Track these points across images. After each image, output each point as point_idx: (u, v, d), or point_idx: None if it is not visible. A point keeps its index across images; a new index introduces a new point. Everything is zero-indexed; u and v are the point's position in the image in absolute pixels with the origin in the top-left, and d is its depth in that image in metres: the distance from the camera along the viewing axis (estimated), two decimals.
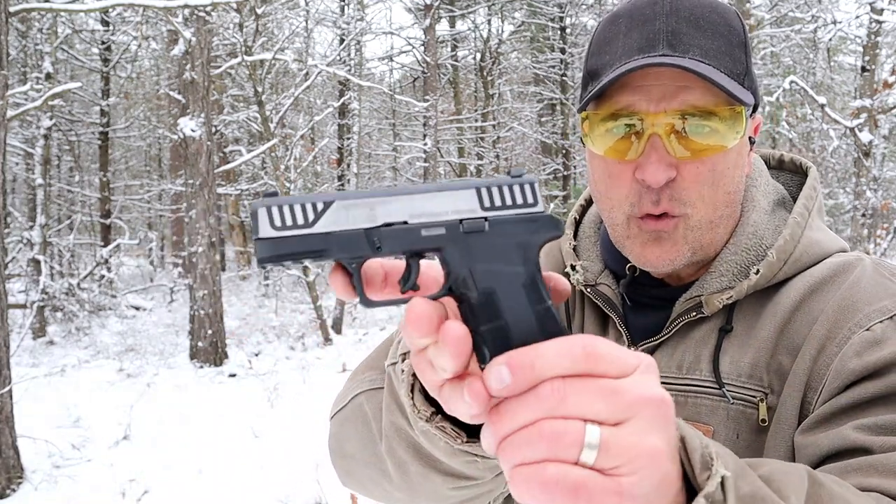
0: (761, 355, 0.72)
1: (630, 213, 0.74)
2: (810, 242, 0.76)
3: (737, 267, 0.76)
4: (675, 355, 0.76)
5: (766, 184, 0.83)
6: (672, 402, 0.45)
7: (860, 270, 0.74)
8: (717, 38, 0.71)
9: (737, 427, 0.72)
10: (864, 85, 8.99)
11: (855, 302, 0.71)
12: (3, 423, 4.54)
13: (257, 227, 0.45)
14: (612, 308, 0.81)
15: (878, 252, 9.15)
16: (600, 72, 0.73)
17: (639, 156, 0.71)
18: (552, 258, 0.91)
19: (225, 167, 10.52)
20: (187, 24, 8.17)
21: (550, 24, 18.16)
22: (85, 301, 11.02)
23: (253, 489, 4.55)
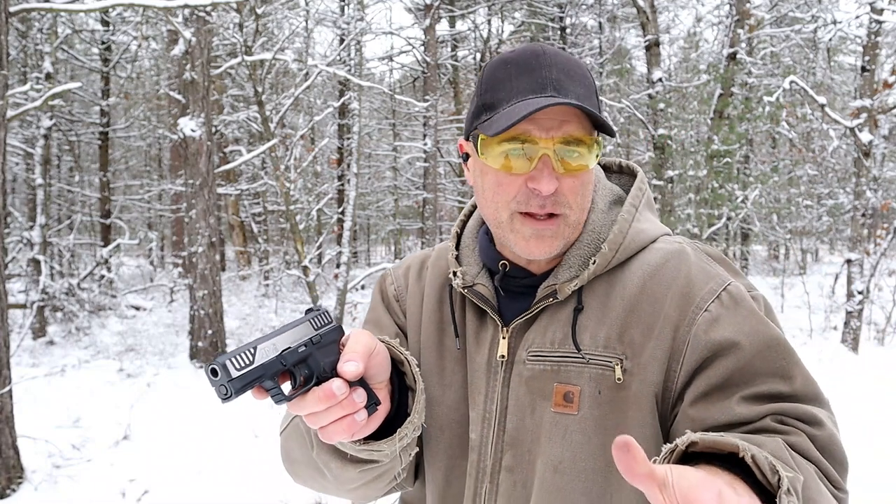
0: (613, 331, 0.93)
1: (514, 210, 0.92)
2: (637, 232, 0.97)
3: (581, 259, 0.96)
4: (547, 334, 0.95)
5: (603, 188, 1.04)
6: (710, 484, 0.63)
7: (685, 257, 0.95)
8: (582, 86, 0.92)
9: (598, 385, 0.92)
10: (864, 85, 8.99)
11: (691, 287, 0.92)
12: (3, 423, 4.54)
13: (228, 373, 0.69)
14: (486, 303, 1.00)
15: (878, 252, 9.16)
16: (496, 105, 0.92)
17: (531, 170, 0.90)
18: (441, 266, 1.10)
19: (225, 167, 10.52)
20: (187, 24, 8.17)
21: (550, 24, 18.16)
22: (85, 301, 11.02)
23: (253, 489, 4.55)
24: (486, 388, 0.98)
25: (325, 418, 0.78)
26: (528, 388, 0.95)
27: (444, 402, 1.03)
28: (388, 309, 1.14)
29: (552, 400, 0.94)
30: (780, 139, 15.19)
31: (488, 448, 0.97)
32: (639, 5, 10.49)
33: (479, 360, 1.00)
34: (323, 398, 0.76)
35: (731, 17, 10.76)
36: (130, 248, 17.69)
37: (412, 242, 24.81)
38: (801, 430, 0.84)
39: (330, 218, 15.81)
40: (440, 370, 1.04)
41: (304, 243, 10.45)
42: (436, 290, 1.09)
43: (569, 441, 0.92)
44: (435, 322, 1.07)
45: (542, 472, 0.93)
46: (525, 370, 0.96)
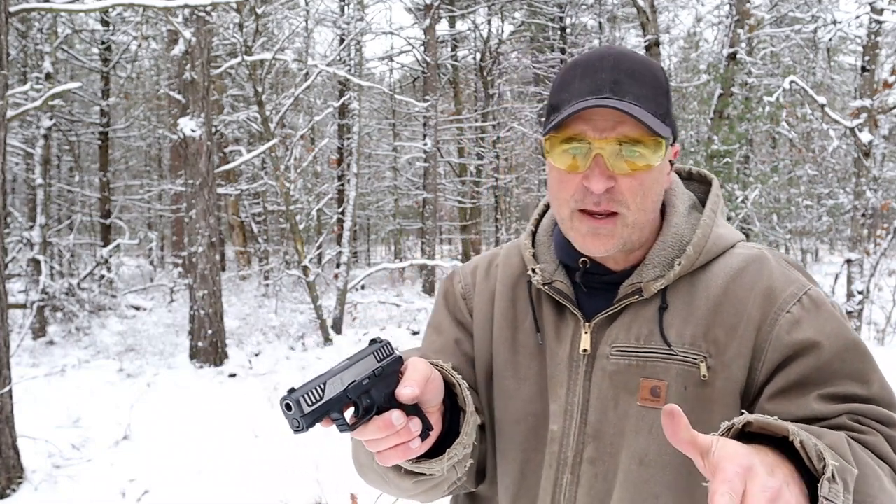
0: (699, 329, 0.96)
1: (573, 208, 0.96)
2: (717, 237, 1.02)
3: (665, 260, 1.00)
4: (632, 330, 0.99)
5: (682, 193, 1.08)
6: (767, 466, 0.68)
7: (766, 262, 1.00)
8: (646, 87, 0.94)
9: (684, 381, 0.95)
10: (864, 85, 8.99)
11: (773, 290, 0.96)
12: (3, 423, 4.54)
13: (301, 409, 0.75)
14: (566, 298, 1.03)
15: (878, 252, 9.15)
16: (560, 105, 0.96)
17: (586, 169, 0.93)
18: (512, 264, 1.14)
19: (225, 167, 10.52)
20: (187, 24, 8.17)
21: (550, 24, 18.16)
22: (85, 301, 11.01)
23: (253, 489, 4.55)
24: (568, 382, 1.01)
25: (382, 444, 0.84)
26: (611, 381, 0.98)
27: (519, 395, 1.06)
28: (452, 309, 1.17)
29: (638, 394, 0.97)
30: (780, 139, 15.18)
31: (570, 440, 1.00)
32: (639, 5, 10.49)
33: (561, 354, 1.03)
34: (383, 427, 0.82)
35: (731, 17, 10.76)
36: (130, 248, 17.69)
37: (412, 242, 24.81)
38: (879, 430, 0.87)
39: (330, 218, 15.81)
40: (515, 365, 1.07)
41: (304, 243, 10.45)
42: (508, 287, 1.12)
43: (655, 435, 0.94)
44: (508, 319, 1.10)
45: (626, 465, 0.96)
46: (609, 364, 0.99)
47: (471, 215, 19.50)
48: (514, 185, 20.31)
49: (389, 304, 13.66)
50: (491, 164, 19.05)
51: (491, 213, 22.45)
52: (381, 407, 0.84)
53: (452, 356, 1.12)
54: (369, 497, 3.88)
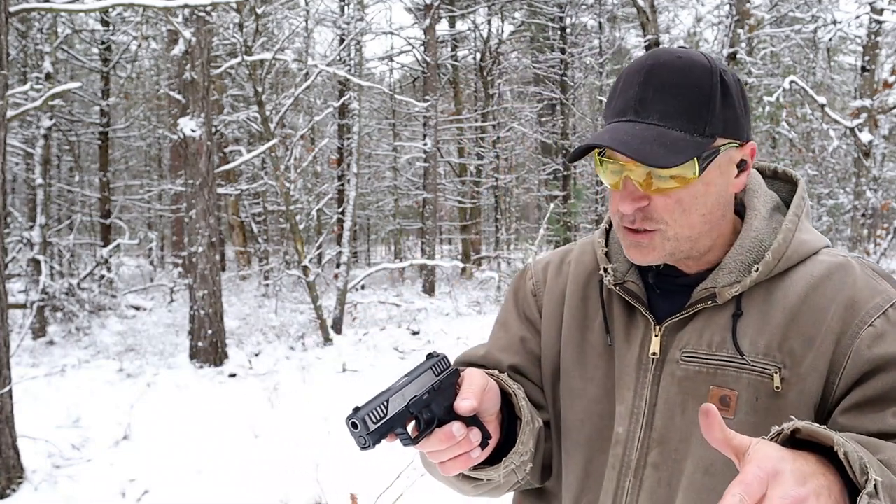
0: (774, 339, 0.92)
1: (619, 223, 0.96)
2: (800, 242, 0.97)
3: (742, 265, 0.96)
4: (704, 336, 0.96)
5: (763, 194, 1.03)
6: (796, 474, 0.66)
7: (851, 271, 0.95)
8: (676, 101, 0.90)
9: (756, 392, 0.92)
10: (864, 85, 8.99)
11: (856, 301, 0.91)
12: (3, 423, 4.54)
13: (367, 427, 0.78)
14: (637, 300, 1.01)
15: (878, 252, 9.15)
16: (606, 119, 0.95)
17: (620, 188, 0.93)
18: (585, 262, 1.12)
19: (225, 167, 10.52)
20: (187, 24, 8.17)
21: (550, 24, 18.16)
22: (85, 301, 11.02)
23: (253, 489, 4.55)
24: (636, 385, 1.00)
25: (445, 455, 0.86)
26: (679, 387, 0.96)
27: (585, 395, 1.05)
28: (521, 306, 1.16)
29: (707, 402, 0.93)
30: (780, 139, 15.18)
31: (634, 443, 0.99)
32: (639, 5, 10.49)
33: (630, 356, 1.01)
34: (444, 439, 0.85)
35: (731, 17, 10.76)
36: (130, 248, 17.69)
37: (412, 242, 24.82)
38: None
39: (330, 218, 15.81)
40: (582, 364, 1.06)
41: (304, 243, 10.45)
42: (579, 286, 1.11)
43: None
44: (578, 318, 1.09)
45: (690, 473, 0.94)
46: (678, 370, 0.96)
47: (471, 215, 19.50)
48: (514, 185, 20.32)
49: (389, 304, 13.66)
50: (491, 164, 19.05)
51: (491, 213, 22.45)
52: (441, 419, 0.86)
53: (517, 354, 1.12)
54: (369, 497, 3.88)
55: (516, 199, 21.62)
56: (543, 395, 1.11)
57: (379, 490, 3.98)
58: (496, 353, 1.12)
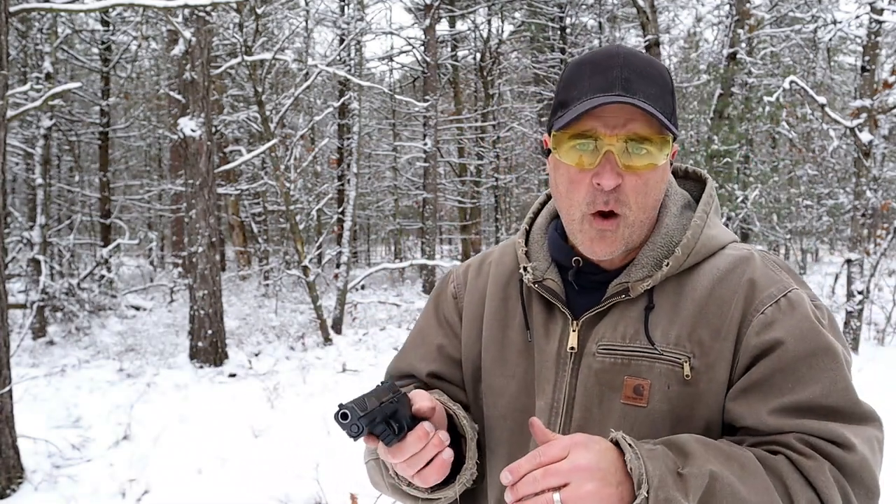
0: (683, 330, 0.97)
1: (585, 212, 0.97)
2: (708, 238, 1.02)
3: (653, 260, 1.00)
4: (618, 329, 0.99)
5: (675, 192, 1.08)
6: (588, 463, 0.80)
7: (752, 263, 1.00)
8: (655, 87, 0.95)
9: (667, 380, 0.96)
10: (864, 85, 8.98)
11: (753, 291, 0.96)
12: (3, 423, 4.54)
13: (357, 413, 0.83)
14: (555, 297, 1.04)
15: (877, 252, 9.15)
16: (569, 102, 0.96)
17: (596, 166, 0.94)
18: (505, 262, 1.15)
19: (225, 167, 10.51)
20: (187, 24, 8.17)
21: (550, 24, 18.15)
22: (85, 301, 11.01)
23: (253, 489, 4.55)
24: (555, 379, 1.02)
25: (420, 460, 0.91)
26: (597, 379, 0.99)
27: (506, 392, 1.07)
28: (441, 310, 1.20)
29: (622, 392, 0.98)
30: (780, 139, 15.18)
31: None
32: (639, 5, 10.49)
33: (549, 351, 1.04)
34: (421, 436, 0.90)
35: (731, 17, 10.76)
36: (130, 248, 17.69)
37: (412, 242, 24.81)
38: (828, 453, 0.87)
39: (330, 218, 15.81)
40: (503, 362, 1.09)
41: (304, 243, 10.45)
42: (500, 286, 1.14)
43: (637, 432, 0.95)
44: (499, 317, 1.11)
45: None
46: (595, 362, 1.00)
47: (471, 215, 19.50)
48: (514, 185, 20.31)
49: (389, 304, 13.66)
50: (491, 164, 19.04)
51: (491, 213, 22.44)
52: (409, 427, 0.91)
53: (434, 361, 1.16)
54: (369, 497, 3.88)
55: (516, 199, 21.61)
56: (466, 396, 1.15)
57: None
58: (415, 363, 1.17)
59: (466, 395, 1.14)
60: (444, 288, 1.22)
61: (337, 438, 5.54)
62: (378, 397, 0.88)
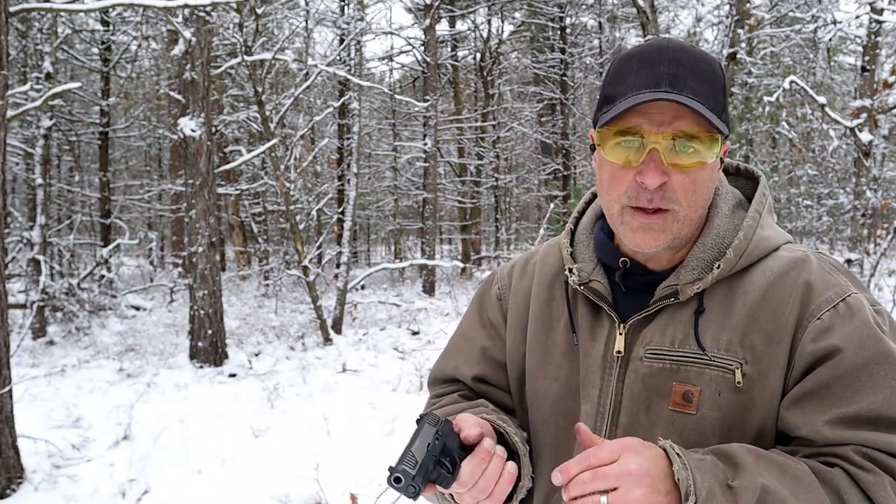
0: (735, 335, 0.93)
1: (625, 204, 0.94)
2: (761, 239, 0.98)
3: (704, 262, 0.97)
4: (667, 333, 0.96)
5: (726, 191, 1.04)
6: (639, 468, 0.79)
7: (808, 266, 0.96)
8: (704, 83, 0.92)
9: (718, 387, 0.93)
10: (864, 85, 8.99)
11: (810, 294, 0.93)
12: (3, 423, 4.54)
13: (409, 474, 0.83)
14: (602, 299, 1.02)
15: (877, 252, 9.15)
16: (615, 98, 0.93)
17: (640, 164, 0.91)
18: (550, 263, 1.13)
19: (225, 167, 10.51)
20: (187, 24, 8.17)
21: (550, 24, 18.15)
22: (85, 301, 11.01)
23: (253, 489, 4.55)
24: (601, 383, 1.00)
25: (490, 480, 0.89)
26: (644, 384, 0.97)
27: (550, 395, 1.06)
28: (485, 312, 1.18)
29: (670, 398, 0.95)
30: (780, 139, 15.17)
31: None
32: (639, 5, 10.49)
33: (595, 354, 1.01)
34: (484, 456, 0.89)
35: (731, 17, 10.76)
36: (130, 248, 17.69)
37: (412, 242, 24.80)
38: (889, 467, 0.83)
39: (330, 218, 15.81)
40: (547, 365, 1.07)
41: (304, 243, 10.45)
42: (544, 287, 1.11)
43: (685, 440, 0.92)
44: (543, 319, 1.09)
45: None
46: (642, 367, 0.97)
47: (471, 215, 19.50)
48: (514, 185, 20.31)
49: (389, 304, 13.66)
50: (491, 164, 19.04)
51: (491, 213, 22.44)
52: (460, 457, 0.90)
53: (478, 364, 1.14)
54: (369, 497, 3.88)
55: (516, 199, 21.62)
56: (511, 399, 1.13)
57: (379, 490, 3.98)
58: (460, 367, 1.16)
59: (512, 399, 1.12)
60: (487, 289, 1.20)
61: (337, 438, 5.55)
62: (424, 441, 0.86)
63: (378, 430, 5.65)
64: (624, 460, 0.79)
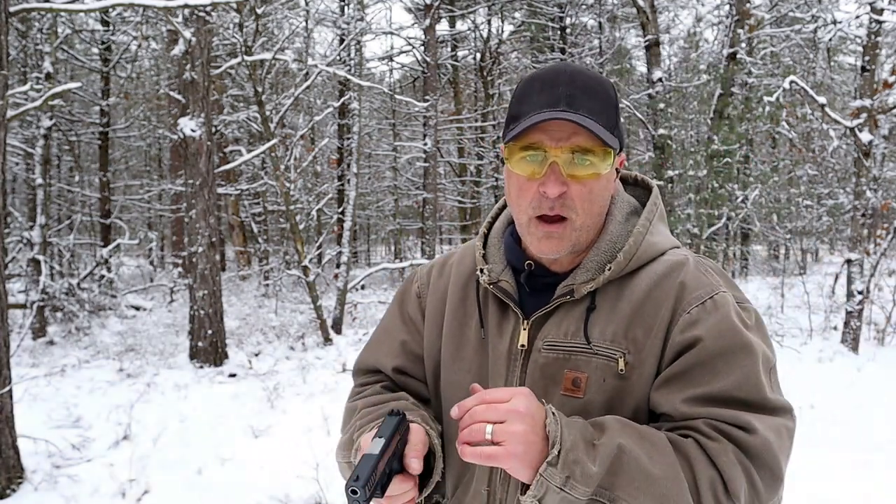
0: (619, 328, 1.05)
1: (531, 215, 1.05)
2: (649, 244, 1.09)
3: (597, 265, 1.08)
4: (562, 327, 1.07)
5: (621, 200, 1.15)
6: (526, 409, 0.92)
7: (686, 268, 1.07)
8: (598, 102, 1.02)
9: (603, 374, 1.04)
10: (864, 85, 8.98)
11: (683, 293, 1.04)
12: (3, 423, 4.54)
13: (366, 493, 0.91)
14: (509, 297, 1.12)
15: (877, 252, 9.15)
16: (520, 116, 1.03)
17: (542, 176, 1.02)
18: (465, 264, 1.23)
19: (225, 167, 10.51)
20: (187, 24, 8.17)
21: (550, 24, 18.14)
22: (85, 301, 11.01)
23: (253, 489, 4.55)
24: (507, 374, 1.11)
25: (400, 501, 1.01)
26: (542, 373, 1.07)
27: (462, 386, 1.13)
28: (405, 309, 1.28)
29: (562, 384, 1.06)
30: (780, 139, 15.18)
31: None
32: (639, 5, 10.49)
33: (501, 348, 1.12)
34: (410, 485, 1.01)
35: (731, 17, 10.77)
36: (130, 248, 17.69)
37: (412, 242, 24.80)
38: (733, 436, 0.95)
39: (330, 218, 15.81)
40: (460, 358, 1.17)
41: (304, 243, 10.45)
42: (460, 286, 1.22)
43: None
44: (458, 316, 1.19)
45: None
46: (540, 358, 1.08)
47: (471, 215, 19.50)
48: None
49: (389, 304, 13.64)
50: (491, 164, 19.04)
51: None
52: (396, 471, 1.00)
53: (398, 357, 1.25)
54: None
55: None
56: (427, 390, 1.24)
57: None
58: (381, 358, 1.27)
59: (428, 390, 1.23)
60: (408, 287, 1.30)
61: (337, 438, 5.54)
62: (385, 449, 0.95)
63: None
64: (514, 401, 0.91)
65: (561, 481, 0.90)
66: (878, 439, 5.22)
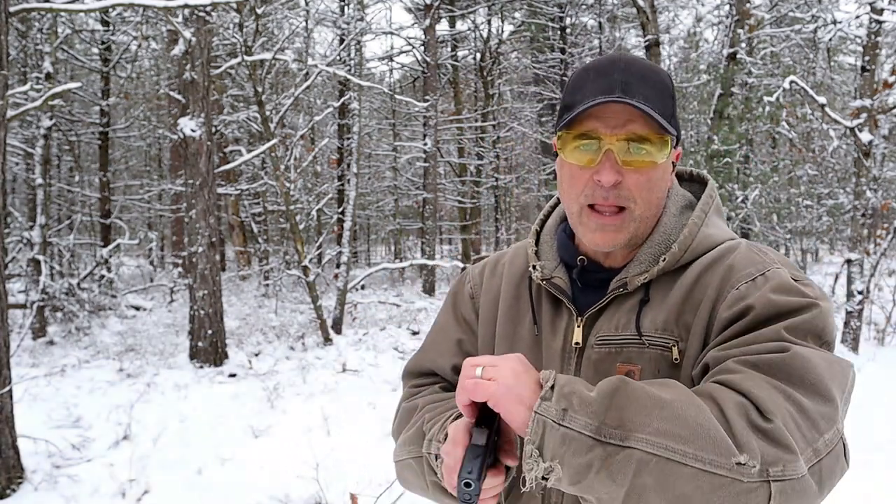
0: (671, 316, 1.01)
1: (583, 203, 1.02)
2: (704, 236, 1.06)
3: (651, 256, 1.05)
4: (613, 320, 1.05)
5: (676, 194, 1.13)
6: (519, 358, 0.92)
7: (737, 251, 1.03)
8: (654, 90, 1.00)
9: (657, 365, 1.01)
10: (864, 85, 8.98)
11: (731, 271, 1.00)
12: (3, 423, 4.54)
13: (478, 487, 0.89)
14: (563, 293, 1.10)
15: (878, 252, 9.15)
16: (574, 105, 1.01)
17: (597, 164, 0.99)
18: (518, 263, 1.22)
19: (225, 167, 10.51)
20: (187, 24, 8.17)
21: (550, 24, 18.14)
22: (85, 301, 11.01)
23: (253, 489, 4.55)
24: (561, 372, 1.08)
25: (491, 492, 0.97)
26: (595, 370, 1.05)
27: None
28: (459, 309, 1.27)
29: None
30: (780, 139, 15.17)
31: None
32: (639, 5, 10.49)
33: (555, 346, 1.10)
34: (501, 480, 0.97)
35: (731, 17, 10.77)
36: (130, 248, 17.68)
37: (412, 242, 24.80)
38: (762, 363, 0.86)
39: (330, 218, 15.81)
40: None
41: (304, 243, 10.45)
42: (513, 285, 1.20)
43: None
44: (511, 314, 1.18)
45: None
46: (593, 354, 1.06)
47: (471, 215, 19.50)
48: (514, 185, 20.30)
49: (389, 304, 13.66)
50: (491, 164, 19.04)
51: (491, 213, 22.44)
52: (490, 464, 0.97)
53: (455, 356, 1.22)
54: (369, 497, 3.88)
55: (516, 199, 21.61)
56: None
57: (379, 490, 3.98)
58: (437, 359, 1.25)
59: None
60: (460, 288, 1.29)
61: (337, 438, 5.55)
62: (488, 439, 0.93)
63: (378, 430, 5.65)
64: (507, 357, 0.92)
65: (558, 414, 0.84)
66: (878, 439, 5.21)
